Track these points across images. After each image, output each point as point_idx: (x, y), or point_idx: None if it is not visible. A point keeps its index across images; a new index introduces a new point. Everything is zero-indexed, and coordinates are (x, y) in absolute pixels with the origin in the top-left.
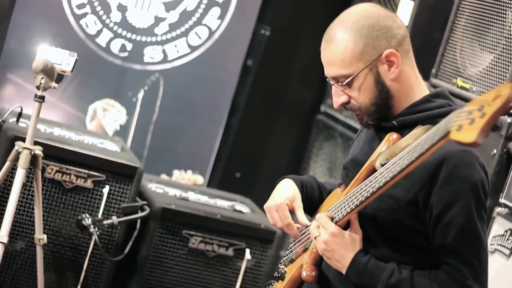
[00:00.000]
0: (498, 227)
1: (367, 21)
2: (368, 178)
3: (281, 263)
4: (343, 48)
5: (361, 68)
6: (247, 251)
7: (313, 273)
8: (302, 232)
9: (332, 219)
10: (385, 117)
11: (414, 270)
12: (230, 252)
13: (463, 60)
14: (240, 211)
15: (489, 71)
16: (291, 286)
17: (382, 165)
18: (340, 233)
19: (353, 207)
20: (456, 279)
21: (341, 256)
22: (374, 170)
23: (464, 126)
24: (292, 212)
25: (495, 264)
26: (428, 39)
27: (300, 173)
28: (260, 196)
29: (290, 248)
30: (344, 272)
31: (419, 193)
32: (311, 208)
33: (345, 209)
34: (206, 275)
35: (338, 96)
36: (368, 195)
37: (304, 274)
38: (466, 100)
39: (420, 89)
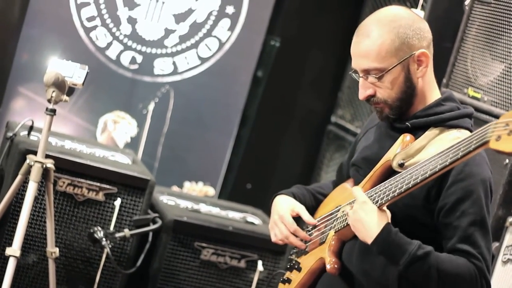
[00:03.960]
0: (510, 236)
1: (404, 20)
2: (394, 177)
3: (291, 254)
4: (380, 42)
5: (395, 63)
6: (259, 262)
7: (337, 265)
8: (315, 226)
9: None
10: (404, 113)
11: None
12: (242, 264)
13: (474, 69)
14: (252, 223)
15: (501, 80)
16: (310, 277)
17: (400, 165)
18: (370, 204)
19: (390, 198)
20: (474, 263)
21: (370, 226)
22: (389, 169)
23: (502, 137)
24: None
25: (509, 274)
26: (439, 49)
27: (311, 183)
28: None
29: (301, 240)
30: (371, 242)
31: (431, 188)
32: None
33: (377, 200)
34: (218, 287)
35: (365, 89)
36: (410, 186)
37: (328, 267)
38: (478, 110)
39: (435, 92)
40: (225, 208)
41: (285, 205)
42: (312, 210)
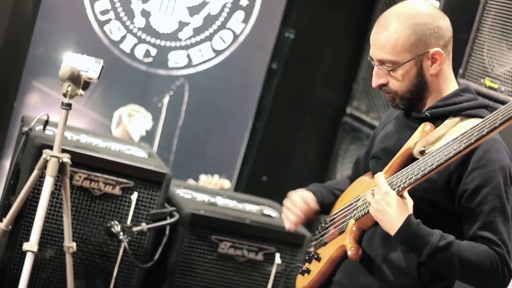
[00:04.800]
0: None
1: (424, 18)
2: (415, 162)
3: (310, 247)
4: (396, 37)
5: (408, 59)
6: (277, 255)
7: (359, 251)
8: (333, 219)
9: None
10: (415, 105)
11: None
12: (260, 256)
13: (490, 60)
14: (269, 215)
15: None
16: (330, 266)
17: (421, 152)
18: (393, 194)
19: (412, 181)
20: (495, 250)
21: (393, 217)
22: (410, 157)
23: None
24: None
25: None
26: (455, 39)
27: (327, 175)
28: None
29: (320, 233)
30: (393, 233)
31: (452, 174)
32: (324, 208)
33: (399, 185)
34: (236, 281)
35: (378, 77)
36: (434, 167)
37: (350, 253)
38: (495, 100)
39: (451, 85)
40: (242, 201)
41: (297, 193)
42: (330, 206)
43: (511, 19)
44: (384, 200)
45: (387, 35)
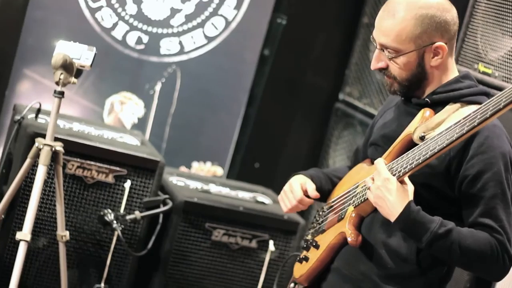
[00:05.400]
0: None
1: (432, 10)
2: (416, 147)
3: (307, 234)
4: (402, 26)
5: (411, 49)
6: (271, 242)
7: (359, 237)
8: (331, 206)
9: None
10: (412, 93)
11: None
12: (253, 244)
13: (484, 45)
14: (262, 203)
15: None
16: (329, 253)
17: (421, 138)
18: (393, 181)
19: (413, 166)
20: (495, 237)
21: (393, 204)
22: (410, 142)
23: None
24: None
25: None
26: None
27: (319, 161)
28: (279, 186)
29: (317, 220)
30: (393, 220)
31: (452, 160)
32: (322, 194)
33: (399, 170)
34: (230, 268)
35: (378, 61)
36: (436, 151)
37: (349, 239)
38: (489, 85)
39: (452, 73)
40: (235, 188)
41: (297, 181)
42: (328, 193)
43: (505, 4)
44: (385, 187)
45: (393, 23)
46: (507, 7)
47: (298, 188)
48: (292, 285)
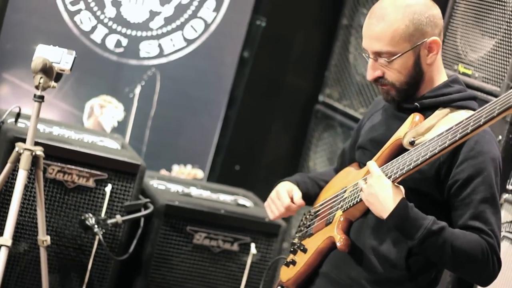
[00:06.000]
0: (505, 213)
1: (419, 7)
2: (406, 153)
3: (294, 238)
4: (395, 27)
5: (407, 49)
6: (253, 245)
7: (348, 243)
8: (318, 210)
9: None
10: (410, 97)
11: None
12: (235, 247)
13: (463, 46)
14: (244, 205)
15: (491, 56)
16: (317, 257)
17: (410, 143)
18: (386, 178)
19: (405, 171)
20: (485, 240)
21: (386, 200)
22: (399, 147)
23: None
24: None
25: (504, 251)
26: None
27: (300, 163)
28: (260, 188)
29: (305, 224)
30: (386, 216)
31: (442, 164)
32: (308, 199)
33: (390, 176)
34: (212, 271)
35: (374, 70)
36: (428, 157)
37: (338, 244)
38: (469, 86)
39: (442, 76)
40: (216, 191)
41: (283, 188)
42: (315, 197)
43: (484, 4)
44: (378, 183)
45: (384, 26)
46: (486, 8)
47: (285, 195)
48: None
